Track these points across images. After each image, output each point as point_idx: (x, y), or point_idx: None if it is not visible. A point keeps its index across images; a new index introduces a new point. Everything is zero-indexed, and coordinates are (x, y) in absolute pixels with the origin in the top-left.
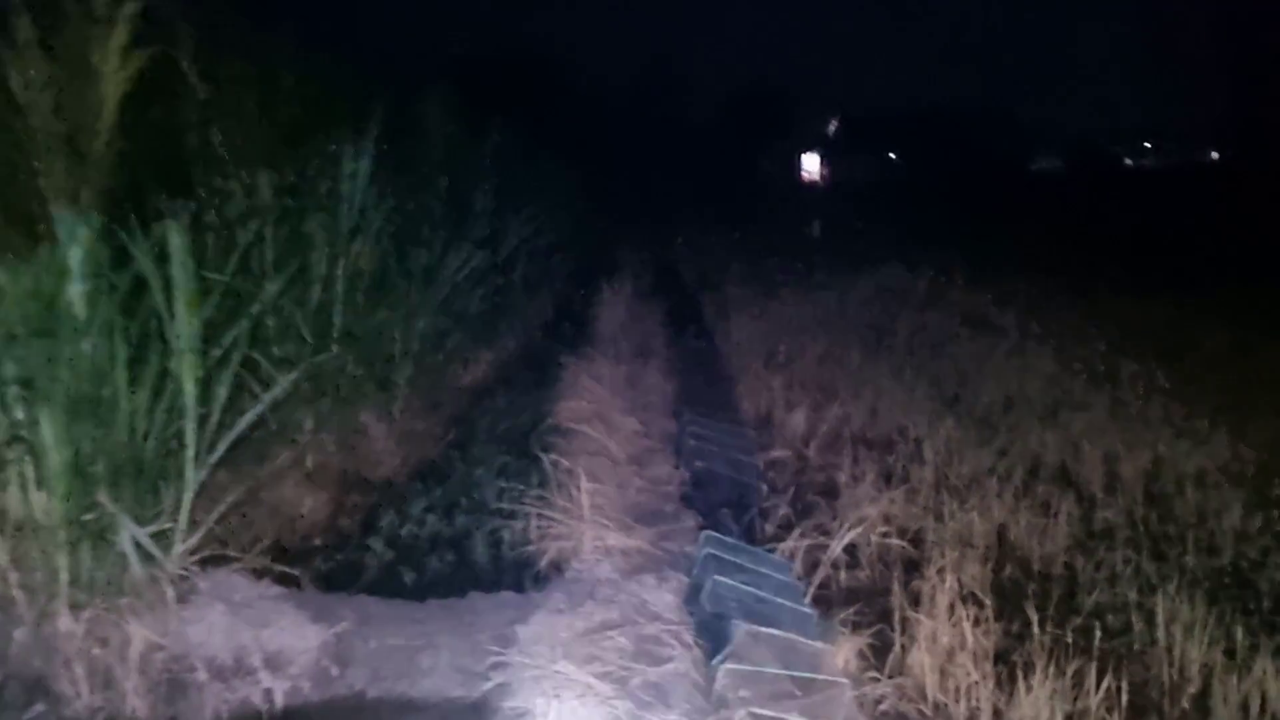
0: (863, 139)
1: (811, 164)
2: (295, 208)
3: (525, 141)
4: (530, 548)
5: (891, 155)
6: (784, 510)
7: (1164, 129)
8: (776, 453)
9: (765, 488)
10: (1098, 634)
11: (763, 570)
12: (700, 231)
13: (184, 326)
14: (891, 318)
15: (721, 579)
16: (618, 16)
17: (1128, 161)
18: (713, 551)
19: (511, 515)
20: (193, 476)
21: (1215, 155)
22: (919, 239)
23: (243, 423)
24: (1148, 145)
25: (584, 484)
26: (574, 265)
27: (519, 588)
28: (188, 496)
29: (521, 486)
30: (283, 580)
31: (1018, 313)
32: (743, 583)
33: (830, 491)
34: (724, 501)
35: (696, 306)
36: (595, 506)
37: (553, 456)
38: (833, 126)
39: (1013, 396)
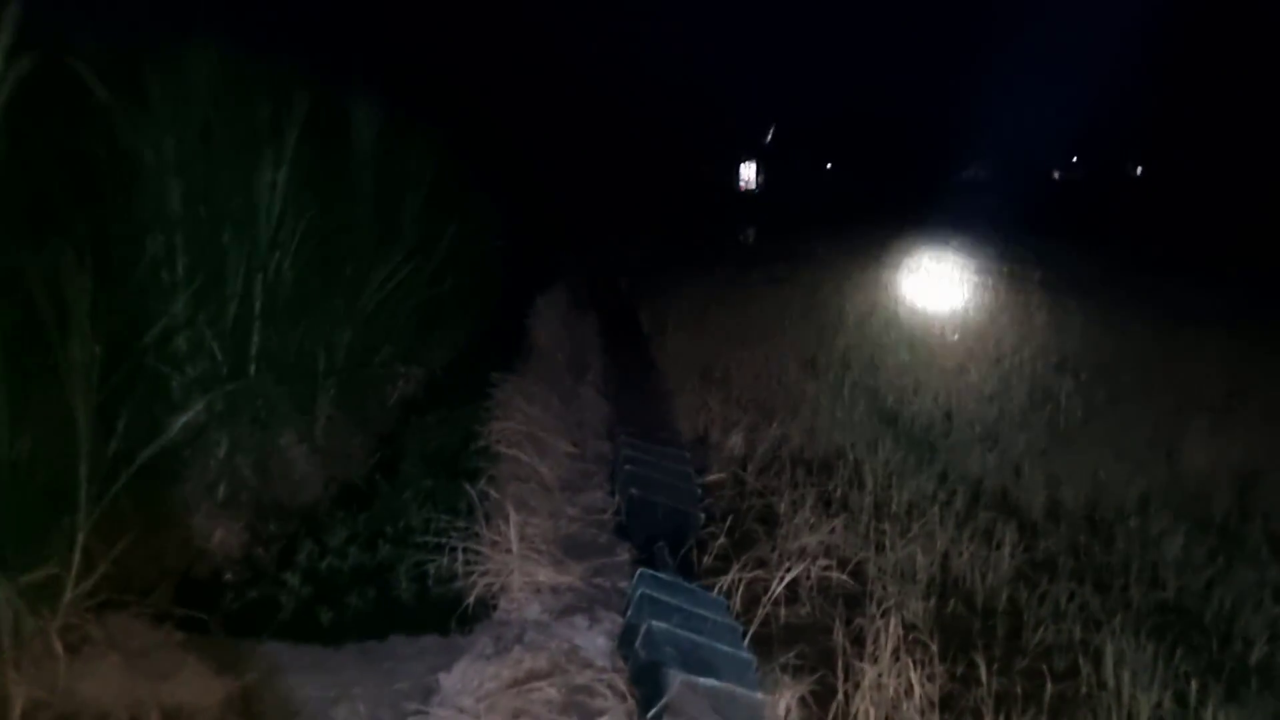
0: (800, 147)
1: (748, 172)
2: (208, 218)
3: (460, 147)
4: (456, 584)
5: (828, 164)
6: (722, 540)
7: (1091, 143)
8: (714, 475)
9: (703, 515)
10: (1046, 678)
11: (700, 611)
12: (638, 238)
13: (77, 351)
14: (827, 330)
15: (657, 623)
16: (556, 23)
17: (1055, 174)
18: (648, 591)
19: (438, 548)
20: (86, 515)
21: (1139, 170)
22: (851, 250)
23: (145, 454)
24: (1074, 159)
25: (513, 517)
26: (509, 275)
27: (443, 630)
28: (80, 537)
29: (448, 517)
30: (188, 624)
31: (956, 327)
32: (679, 626)
33: (769, 519)
34: (660, 532)
35: (633, 318)
36: (525, 539)
37: (481, 486)
38: (770, 134)
39: (951, 414)
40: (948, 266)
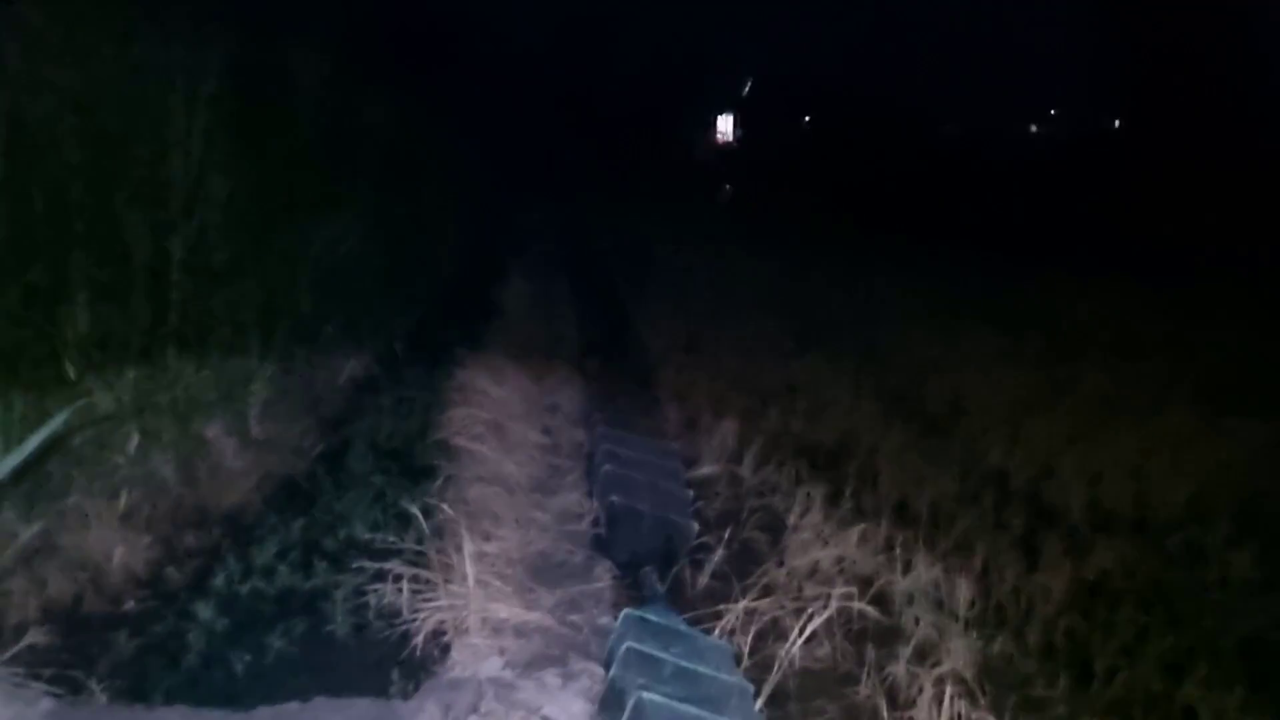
0: (776, 103)
1: (725, 124)
2: (110, 168)
3: (417, 103)
4: (401, 622)
5: (805, 118)
6: (719, 552)
7: (1069, 97)
8: (705, 469)
9: (695, 525)
10: None
11: (700, 668)
12: (610, 196)
13: None
14: (820, 301)
15: (649, 696)
16: None
17: (1033, 128)
18: (635, 645)
19: (380, 575)
20: None
21: (1116, 123)
22: (833, 211)
23: (7, 464)
24: (1053, 113)
25: (467, 546)
26: (473, 240)
27: (381, 689)
28: None
29: (397, 529)
30: (61, 682)
31: (951, 297)
32: (676, 696)
33: (772, 526)
34: (646, 548)
35: (610, 286)
36: (485, 559)
37: (436, 493)
38: (746, 90)
39: (963, 397)
40: (941, 231)
